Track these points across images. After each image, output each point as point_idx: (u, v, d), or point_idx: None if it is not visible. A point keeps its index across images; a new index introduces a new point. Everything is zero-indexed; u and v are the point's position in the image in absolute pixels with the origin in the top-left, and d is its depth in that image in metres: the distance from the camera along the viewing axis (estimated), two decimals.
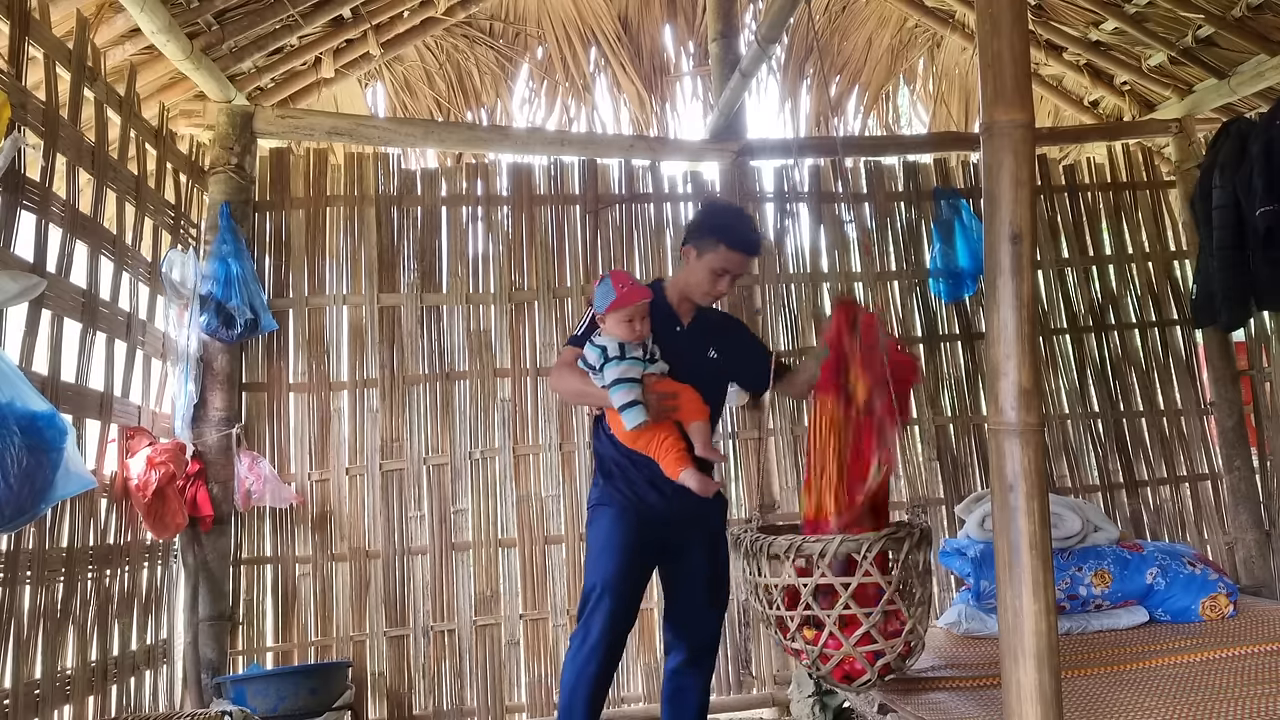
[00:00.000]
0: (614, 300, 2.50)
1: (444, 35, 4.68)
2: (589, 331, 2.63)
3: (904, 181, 4.56)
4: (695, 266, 2.69)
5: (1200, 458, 4.49)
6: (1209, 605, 3.24)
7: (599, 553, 2.57)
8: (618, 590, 2.49)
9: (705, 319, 2.84)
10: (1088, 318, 4.56)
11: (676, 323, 2.75)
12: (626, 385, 2.47)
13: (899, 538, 2.36)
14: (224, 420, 3.63)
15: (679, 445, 2.51)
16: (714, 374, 2.77)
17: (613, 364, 2.50)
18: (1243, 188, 3.87)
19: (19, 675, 2.42)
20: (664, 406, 2.51)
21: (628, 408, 2.46)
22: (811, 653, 2.43)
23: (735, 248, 2.64)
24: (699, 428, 2.54)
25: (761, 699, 3.95)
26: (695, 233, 2.71)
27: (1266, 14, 3.92)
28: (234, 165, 3.76)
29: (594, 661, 2.46)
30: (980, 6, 1.85)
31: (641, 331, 2.55)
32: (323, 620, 3.78)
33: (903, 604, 2.37)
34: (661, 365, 2.60)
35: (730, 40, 4.34)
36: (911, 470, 4.28)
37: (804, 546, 2.36)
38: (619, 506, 2.60)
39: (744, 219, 2.81)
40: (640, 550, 2.57)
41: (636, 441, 2.53)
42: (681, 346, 2.70)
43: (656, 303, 2.65)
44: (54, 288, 2.63)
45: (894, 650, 2.39)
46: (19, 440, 2.10)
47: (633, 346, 2.53)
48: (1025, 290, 1.78)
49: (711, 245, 2.65)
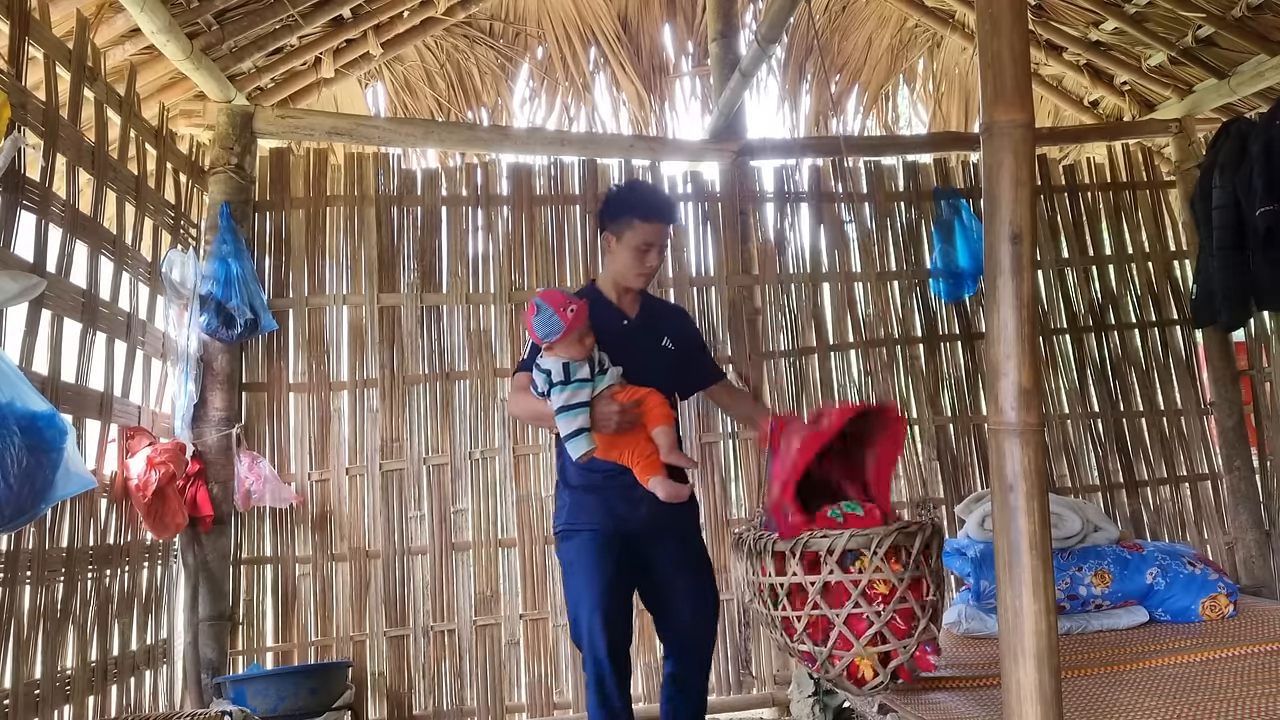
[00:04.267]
0: (565, 329, 2.42)
1: (444, 35, 4.68)
2: (534, 355, 2.58)
3: (904, 181, 4.56)
4: (618, 251, 2.65)
5: (1200, 458, 4.49)
6: (1209, 605, 3.24)
7: (585, 582, 2.50)
8: (609, 613, 2.44)
9: (653, 309, 2.80)
10: (1088, 318, 4.56)
11: (622, 317, 2.70)
12: (572, 412, 2.43)
13: (910, 532, 2.30)
14: (224, 420, 3.63)
15: (647, 450, 2.47)
16: (671, 365, 2.73)
17: (557, 390, 2.45)
18: (1243, 188, 3.87)
19: (19, 675, 2.42)
20: (630, 417, 2.46)
21: (572, 436, 2.43)
22: (820, 654, 2.36)
23: (649, 218, 2.60)
24: (663, 432, 2.48)
25: (761, 699, 3.95)
26: (607, 217, 2.67)
27: (1266, 14, 3.92)
28: (234, 165, 3.76)
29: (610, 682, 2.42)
30: (980, 6, 1.85)
31: (590, 344, 2.50)
32: (323, 620, 3.78)
33: (915, 602, 2.30)
34: (615, 371, 2.53)
35: (730, 40, 4.35)
36: (911, 470, 4.28)
37: (810, 542, 2.31)
38: (588, 530, 2.56)
39: (649, 188, 2.79)
40: (617, 569, 2.52)
41: (609, 452, 2.49)
42: (632, 340, 2.65)
43: (595, 302, 2.61)
44: (54, 288, 2.62)
45: (907, 651, 2.32)
46: (19, 440, 2.10)
47: (578, 365, 2.47)
48: (1025, 290, 1.78)
49: (626, 224, 2.61)
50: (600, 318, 2.57)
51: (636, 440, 2.48)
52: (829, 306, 4.44)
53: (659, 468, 2.46)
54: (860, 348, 4.34)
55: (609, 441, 2.47)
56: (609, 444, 2.47)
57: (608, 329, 2.60)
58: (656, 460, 2.47)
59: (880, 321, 4.38)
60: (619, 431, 2.46)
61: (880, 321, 4.38)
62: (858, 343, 4.34)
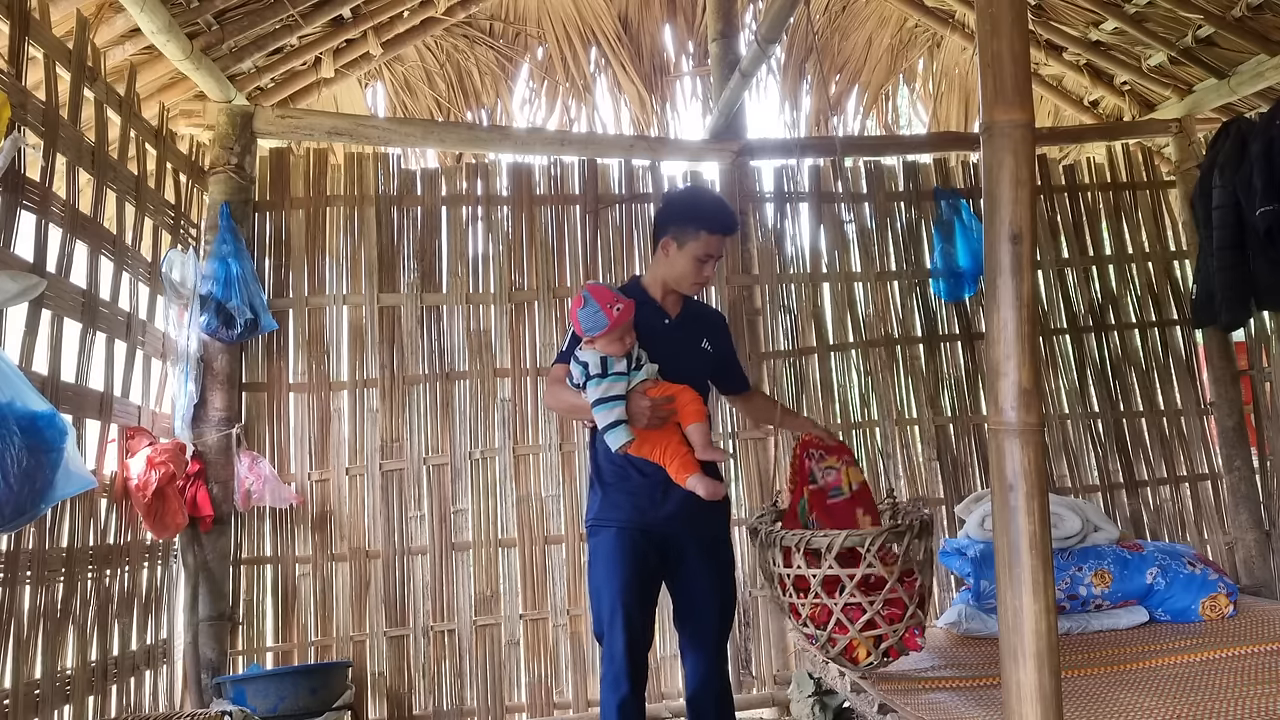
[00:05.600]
0: (608, 325, 2.43)
1: (444, 35, 4.68)
2: (573, 347, 2.59)
3: (904, 181, 4.56)
4: (677, 258, 2.64)
5: (1200, 458, 4.49)
6: (1209, 605, 3.24)
7: (606, 575, 2.52)
8: (629, 608, 2.45)
9: (693, 310, 2.81)
10: (1088, 318, 4.56)
11: (664, 315, 2.71)
12: (609, 405, 2.43)
13: (900, 531, 2.53)
14: (224, 420, 3.63)
15: (682, 450, 2.47)
16: (708, 366, 2.75)
17: (594, 382, 2.45)
18: (1243, 188, 3.87)
19: (19, 675, 2.42)
20: (662, 413, 2.47)
21: (611, 428, 2.43)
22: (820, 637, 2.66)
23: (715, 230, 2.61)
24: (697, 429, 2.49)
25: (761, 699, 3.95)
26: (672, 223, 2.66)
27: (1266, 14, 3.92)
28: (234, 165, 3.76)
29: (624, 682, 2.43)
30: (980, 6, 1.85)
31: (630, 343, 2.51)
32: (323, 620, 3.78)
33: (904, 592, 2.56)
34: (651, 368, 2.53)
35: (730, 40, 4.35)
36: (911, 470, 4.28)
37: (812, 541, 2.51)
38: (618, 524, 2.56)
39: (716, 200, 2.81)
40: (644, 564, 2.52)
41: (641, 449, 2.49)
42: (673, 339, 2.66)
43: (641, 299, 2.62)
44: (54, 288, 2.63)
45: (896, 634, 2.61)
46: (19, 440, 2.10)
47: (615, 360, 2.48)
48: (1025, 290, 1.77)
49: (692, 234, 2.60)
50: (643, 315, 2.58)
51: (669, 438, 2.48)
52: (829, 306, 4.44)
53: (695, 465, 2.46)
54: (860, 348, 4.34)
55: (641, 437, 2.47)
56: (641, 439, 2.47)
57: (650, 326, 2.61)
58: (692, 458, 2.46)
59: (880, 321, 4.38)
60: (650, 427, 2.46)
61: (880, 321, 4.38)
62: (858, 343, 4.35)
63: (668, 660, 3.89)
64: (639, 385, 2.48)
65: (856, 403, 4.33)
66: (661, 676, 3.93)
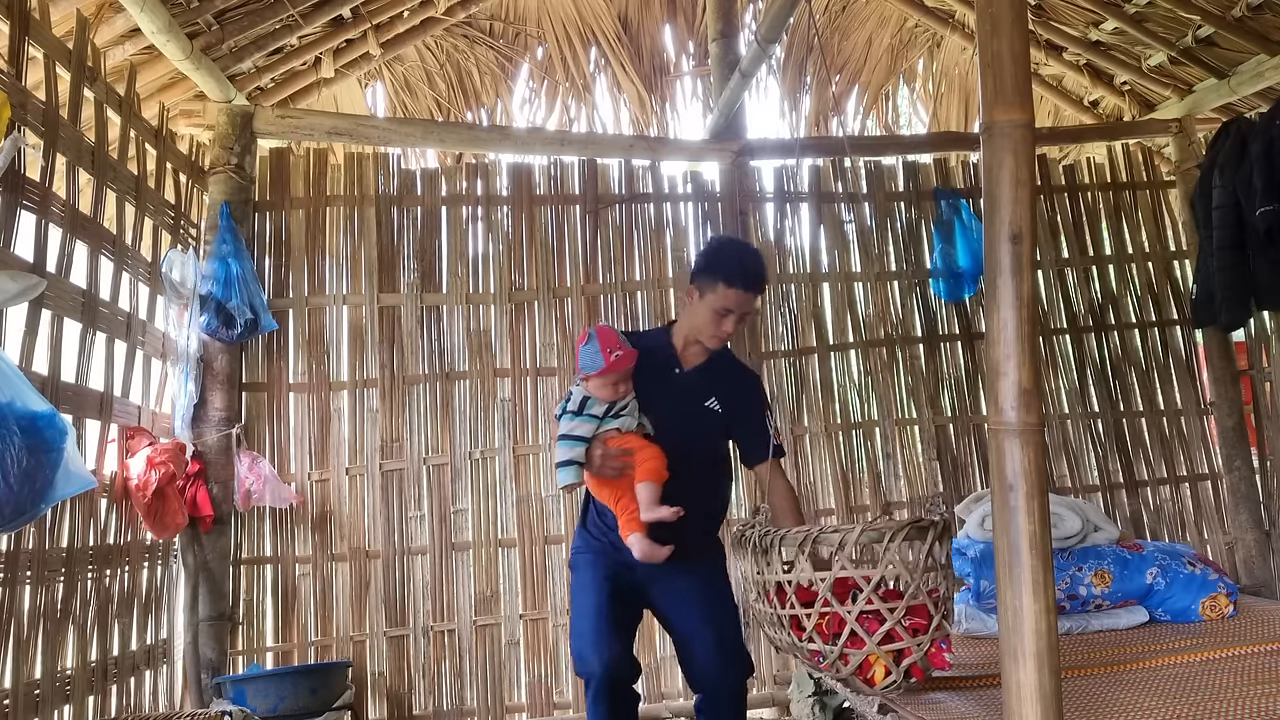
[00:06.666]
0: (602, 368, 2.42)
1: (444, 35, 4.68)
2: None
3: (904, 181, 4.56)
4: (698, 307, 2.56)
5: (1200, 458, 4.49)
6: (1209, 605, 3.24)
7: (579, 594, 2.56)
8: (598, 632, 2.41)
9: (718, 366, 2.68)
10: (1088, 318, 4.56)
11: (676, 365, 2.64)
12: (569, 443, 2.44)
13: (923, 527, 2.25)
14: (224, 420, 3.63)
15: (632, 506, 2.45)
16: (710, 425, 2.64)
17: (567, 417, 2.46)
18: (1243, 188, 3.87)
19: (19, 675, 2.42)
20: (614, 464, 2.43)
21: (561, 465, 2.44)
22: (829, 653, 2.31)
23: (735, 284, 2.49)
24: (645, 488, 2.42)
25: (761, 699, 3.95)
26: (700, 272, 2.59)
27: (1266, 14, 3.92)
28: (234, 165, 3.76)
29: (602, 703, 2.40)
30: (980, 6, 1.85)
31: (624, 391, 2.49)
32: (323, 620, 3.78)
33: (928, 599, 2.24)
34: (628, 421, 2.49)
35: (730, 40, 4.34)
36: (912, 470, 4.28)
37: (822, 537, 2.27)
38: (594, 552, 2.60)
39: (746, 253, 2.65)
40: (617, 584, 2.51)
41: (601, 493, 2.51)
42: (676, 392, 2.60)
43: (658, 345, 2.61)
44: (54, 288, 2.62)
45: (921, 648, 2.27)
46: (19, 440, 2.10)
47: (595, 402, 2.46)
48: (1025, 290, 1.78)
49: (710, 284, 2.52)
50: (652, 362, 2.54)
51: (625, 492, 2.47)
52: (829, 306, 4.44)
53: (638, 525, 2.44)
54: (860, 348, 4.35)
55: (605, 485, 2.48)
56: (603, 486, 2.49)
57: (655, 376, 2.56)
58: (638, 517, 2.44)
59: (880, 321, 4.39)
60: (602, 476, 2.45)
61: (880, 321, 4.39)
62: (858, 343, 4.35)
63: (668, 660, 3.89)
64: (603, 433, 2.47)
65: (856, 403, 4.33)
66: (661, 676, 3.94)
